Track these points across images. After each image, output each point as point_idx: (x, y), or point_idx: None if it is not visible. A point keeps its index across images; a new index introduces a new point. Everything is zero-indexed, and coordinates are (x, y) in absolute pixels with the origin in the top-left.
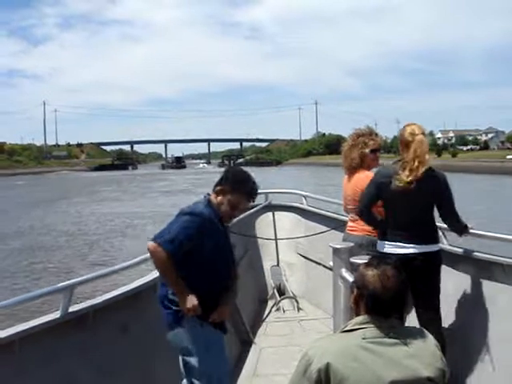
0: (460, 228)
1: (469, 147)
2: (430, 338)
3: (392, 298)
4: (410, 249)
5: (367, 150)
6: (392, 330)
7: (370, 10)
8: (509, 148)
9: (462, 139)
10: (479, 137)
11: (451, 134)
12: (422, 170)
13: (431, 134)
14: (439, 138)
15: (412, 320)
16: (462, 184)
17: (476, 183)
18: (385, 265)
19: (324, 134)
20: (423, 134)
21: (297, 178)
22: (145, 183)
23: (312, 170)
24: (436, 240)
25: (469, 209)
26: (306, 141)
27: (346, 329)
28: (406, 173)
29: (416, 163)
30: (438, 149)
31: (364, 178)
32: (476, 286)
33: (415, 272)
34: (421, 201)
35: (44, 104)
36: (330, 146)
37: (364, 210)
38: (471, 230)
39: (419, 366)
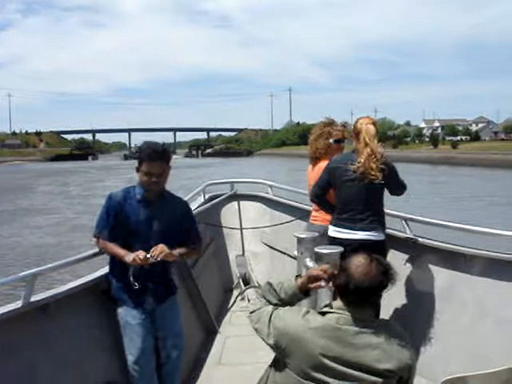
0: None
1: (458, 138)
2: (401, 332)
3: (372, 288)
4: (356, 235)
5: (331, 140)
6: (366, 322)
7: (342, 1)
8: (503, 139)
9: (451, 129)
10: (470, 127)
11: (436, 124)
12: (373, 158)
13: (408, 123)
14: (423, 128)
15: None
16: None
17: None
18: (369, 257)
19: (298, 123)
20: (373, 123)
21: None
22: (92, 182)
23: (288, 161)
24: (383, 228)
25: None
26: (276, 130)
27: (323, 310)
28: (361, 160)
29: (367, 151)
30: (434, 139)
31: (320, 166)
32: (438, 276)
33: None
34: (373, 190)
35: None
36: (304, 135)
37: (317, 195)
38: (436, 221)
39: (381, 358)
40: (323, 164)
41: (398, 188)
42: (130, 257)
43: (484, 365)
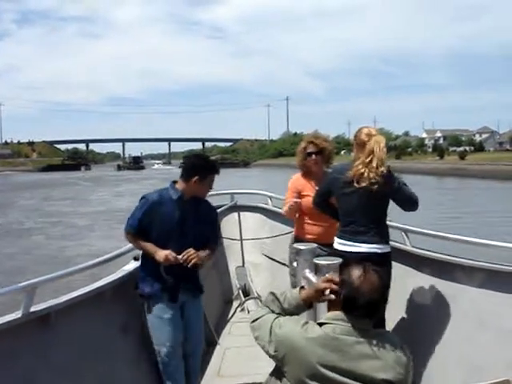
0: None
1: (461, 148)
2: (398, 342)
3: (368, 302)
4: (359, 248)
5: (305, 154)
6: (363, 331)
7: (335, 11)
8: (508, 149)
9: (454, 139)
10: (473, 137)
11: (438, 134)
12: (380, 169)
13: (407, 134)
14: (425, 138)
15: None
16: None
17: None
18: (371, 270)
19: (296, 133)
20: (381, 135)
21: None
22: (78, 195)
23: (285, 172)
24: (387, 241)
25: None
26: (273, 140)
27: (320, 321)
28: (365, 173)
29: (374, 163)
30: (440, 150)
31: (292, 178)
32: (437, 287)
33: None
34: (374, 201)
35: None
36: None
37: (316, 204)
38: (435, 232)
39: (378, 368)
40: (295, 177)
41: (409, 201)
42: (161, 255)
43: (483, 376)
